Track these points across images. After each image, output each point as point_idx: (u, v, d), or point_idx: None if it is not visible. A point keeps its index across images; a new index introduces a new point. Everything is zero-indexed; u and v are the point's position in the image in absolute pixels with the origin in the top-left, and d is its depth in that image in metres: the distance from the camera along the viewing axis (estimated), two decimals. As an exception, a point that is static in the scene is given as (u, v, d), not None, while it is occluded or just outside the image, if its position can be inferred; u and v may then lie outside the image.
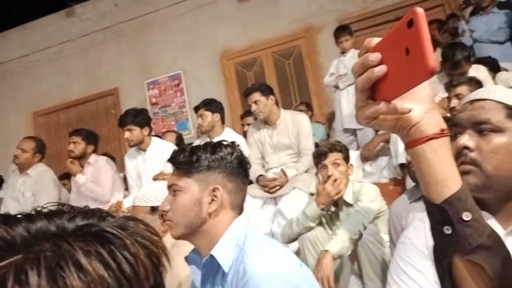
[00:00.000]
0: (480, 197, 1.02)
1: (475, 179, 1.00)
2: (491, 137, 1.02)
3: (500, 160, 1.00)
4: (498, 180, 1.00)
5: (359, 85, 0.63)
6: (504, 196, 1.04)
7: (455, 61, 3.41)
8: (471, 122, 1.05)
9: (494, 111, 1.04)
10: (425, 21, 0.55)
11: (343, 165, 2.75)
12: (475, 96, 1.10)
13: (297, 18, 6.68)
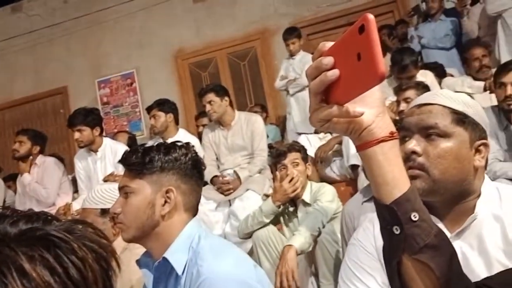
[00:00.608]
0: (428, 201, 1.05)
1: (423, 183, 1.03)
2: (438, 142, 1.05)
3: (447, 165, 1.03)
4: (445, 184, 1.03)
5: (313, 88, 0.64)
6: (450, 201, 1.07)
7: (403, 65, 3.56)
8: (419, 126, 1.07)
9: (441, 116, 1.07)
10: (375, 27, 0.56)
11: (301, 165, 2.80)
12: (422, 100, 1.12)
13: (252, 20, 6.71)
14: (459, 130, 1.06)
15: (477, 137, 1.08)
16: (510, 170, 2.51)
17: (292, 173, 2.71)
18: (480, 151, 1.08)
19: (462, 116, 1.07)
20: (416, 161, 1.04)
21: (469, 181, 1.06)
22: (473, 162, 1.07)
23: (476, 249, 1.04)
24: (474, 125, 1.08)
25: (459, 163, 1.04)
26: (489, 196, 1.07)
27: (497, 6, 4.10)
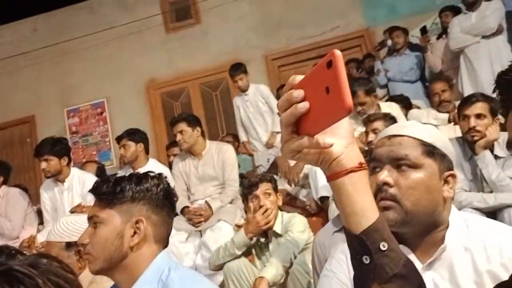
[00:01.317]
0: (399, 232, 1.07)
1: (395, 214, 1.05)
2: (409, 173, 1.07)
3: (418, 196, 1.06)
4: (416, 215, 1.05)
5: (284, 120, 0.65)
6: (421, 232, 1.09)
7: (352, 91, 3.71)
8: (390, 157, 1.10)
9: (411, 147, 1.10)
10: (342, 62, 0.58)
11: (273, 195, 2.79)
12: (392, 132, 1.15)
13: (224, 51, 6.80)
14: (429, 162, 1.09)
15: (445, 168, 1.11)
16: (475, 200, 2.57)
17: (265, 205, 2.70)
18: (448, 182, 1.11)
19: (431, 147, 1.10)
20: (388, 192, 1.06)
21: (438, 212, 1.09)
22: (442, 193, 1.09)
23: (448, 280, 1.05)
24: (442, 156, 1.11)
25: (429, 194, 1.07)
26: (457, 227, 1.10)
27: (459, 42, 4.29)
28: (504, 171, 2.56)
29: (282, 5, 6.83)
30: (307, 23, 6.70)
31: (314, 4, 6.74)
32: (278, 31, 6.77)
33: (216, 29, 6.93)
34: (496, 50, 4.10)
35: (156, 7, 7.09)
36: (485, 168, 2.60)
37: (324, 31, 6.61)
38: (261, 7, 6.86)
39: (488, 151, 2.62)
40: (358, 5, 6.63)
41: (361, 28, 6.56)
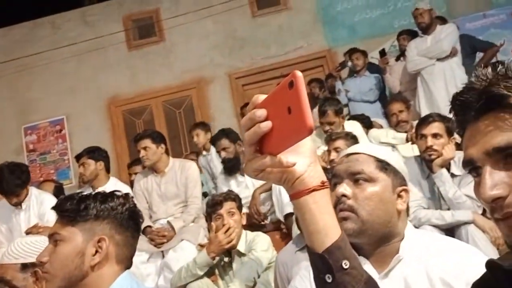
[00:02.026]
0: (357, 242, 1.15)
1: (353, 224, 1.14)
2: (365, 186, 1.17)
3: (373, 207, 1.15)
4: (372, 225, 1.14)
5: (247, 139, 0.66)
6: (377, 241, 1.17)
7: (323, 110, 3.79)
8: (348, 172, 1.20)
9: (367, 163, 1.20)
10: (303, 83, 0.60)
11: (237, 214, 2.77)
12: (350, 151, 1.26)
13: (188, 69, 6.80)
14: (383, 176, 1.20)
15: (398, 183, 1.22)
16: (433, 217, 2.64)
17: (228, 224, 2.68)
18: (401, 196, 1.21)
19: (384, 163, 1.21)
20: (346, 203, 1.15)
21: (393, 223, 1.17)
22: (396, 206, 1.19)
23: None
24: (396, 172, 1.22)
25: (384, 205, 1.16)
26: (412, 239, 1.18)
27: (416, 64, 4.46)
28: (460, 189, 2.65)
29: (246, 25, 6.92)
30: (271, 43, 6.81)
31: (278, 24, 6.87)
32: (242, 50, 6.84)
33: (180, 47, 6.93)
34: (451, 72, 4.27)
35: (118, 24, 7.04)
36: (442, 186, 2.68)
37: (287, 51, 6.73)
38: (225, 26, 6.92)
39: (445, 169, 2.71)
40: (320, 27, 6.80)
41: (323, 49, 6.72)
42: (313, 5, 6.87)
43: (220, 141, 4.03)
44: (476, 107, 0.70)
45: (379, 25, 6.63)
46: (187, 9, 6.90)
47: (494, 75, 0.69)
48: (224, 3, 6.81)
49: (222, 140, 4.01)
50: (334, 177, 1.22)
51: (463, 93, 0.73)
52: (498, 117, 0.67)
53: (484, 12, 6.41)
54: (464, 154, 0.73)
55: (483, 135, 0.69)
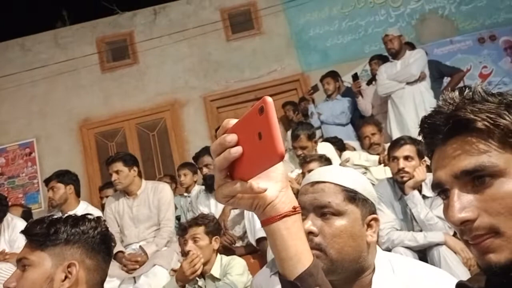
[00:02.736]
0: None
1: (321, 264, 1.05)
2: (333, 221, 1.10)
3: (342, 244, 1.08)
4: (342, 263, 1.08)
5: (217, 164, 0.65)
6: (349, 278, 1.12)
7: (295, 134, 3.87)
8: (314, 205, 1.12)
9: (334, 194, 1.12)
10: (273, 109, 0.59)
11: (204, 240, 2.72)
12: (315, 178, 1.17)
13: (162, 92, 6.78)
14: (351, 208, 1.12)
15: (368, 212, 1.15)
16: (406, 238, 2.66)
17: (191, 254, 2.63)
18: (371, 226, 1.15)
19: (352, 193, 1.13)
20: (313, 241, 1.08)
21: (364, 257, 1.12)
22: (366, 238, 1.13)
23: None
24: (364, 201, 1.15)
25: (353, 241, 1.10)
26: (382, 270, 1.14)
27: (386, 88, 4.55)
28: (432, 211, 2.68)
29: (221, 48, 6.97)
30: (245, 66, 6.87)
31: (252, 48, 6.95)
32: (217, 73, 6.87)
33: (154, 70, 6.91)
34: (420, 95, 4.37)
35: (92, 46, 6.99)
36: (414, 208, 2.71)
37: (261, 75, 6.80)
38: (200, 49, 6.96)
39: (416, 191, 2.75)
40: (294, 51, 6.91)
41: (297, 72, 6.81)
42: (286, 30, 6.99)
43: (203, 158, 4.04)
44: (444, 130, 0.71)
45: (350, 50, 6.79)
46: (162, 32, 6.93)
47: (461, 100, 0.71)
48: (199, 27, 6.87)
49: (205, 157, 4.02)
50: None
51: (431, 116, 0.74)
52: (465, 141, 0.69)
53: (451, 38, 6.64)
54: (433, 177, 0.74)
55: (451, 158, 0.70)
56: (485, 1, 6.77)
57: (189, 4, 7.18)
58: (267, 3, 6.99)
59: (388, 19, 6.91)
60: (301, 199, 1.14)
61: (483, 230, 0.66)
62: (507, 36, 6.56)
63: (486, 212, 0.66)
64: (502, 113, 0.67)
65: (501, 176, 0.66)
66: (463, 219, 0.66)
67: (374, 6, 7.00)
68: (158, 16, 7.13)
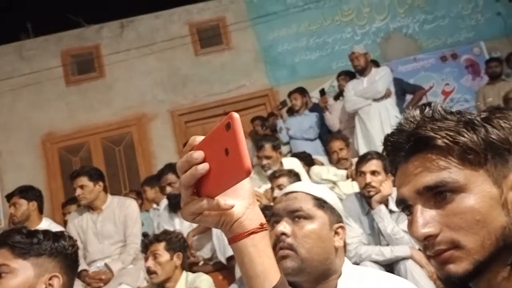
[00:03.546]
0: (296, 281, 1.17)
1: (292, 262, 1.15)
2: (304, 223, 1.20)
3: (312, 244, 1.17)
4: (311, 262, 1.15)
5: (184, 181, 0.64)
6: (316, 279, 1.18)
7: (260, 145, 3.92)
8: (287, 210, 1.22)
9: (305, 201, 1.23)
10: (240, 125, 0.59)
11: (163, 256, 2.69)
12: (289, 189, 1.29)
13: (129, 106, 6.69)
14: (320, 213, 1.23)
15: (335, 220, 1.26)
16: (373, 253, 2.69)
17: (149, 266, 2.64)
18: (338, 233, 1.25)
19: (321, 201, 1.25)
20: (285, 241, 1.17)
21: (331, 260, 1.20)
22: (333, 243, 1.22)
23: None
24: (332, 209, 1.26)
25: (322, 243, 1.19)
26: (349, 276, 1.21)
27: (353, 104, 4.64)
28: (398, 225, 2.73)
29: (190, 62, 6.97)
30: (214, 81, 6.88)
31: (221, 63, 6.97)
32: (186, 88, 6.85)
33: (121, 83, 6.83)
34: (386, 111, 4.48)
35: (57, 59, 6.86)
36: (381, 222, 2.75)
37: (230, 89, 6.82)
38: (168, 63, 6.93)
39: (383, 205, 2.79)
40: (262, 67, 6.97)
41: (266, 87, 6.87)
42: (255, 46, 7.06)
43: (166, 176, 3.92)
44: (405, 148, 0.73)
45: (318, 66, 6.91)
46: (129, 46, 6.87)
47: (421, 118, 0.73)
48: (167, 41, 6.85)
49: (169, 175, 3.91)
50: (274, 216, 1.24)
51: (393, 134, 0.76)
52: (426, 158, 0.71)
53: (414, 56, 6.87)
54: (397, 194, 0.76)
55: (413, 175, 0.72)
56: (447, 21, 7.04)
57: (157, 18, 7.16)
58: (235, 19, 7.05)
59: (354, 37, 7.08)
60: (276, 207, 1.27)
61: (444, 245, 0.67)
62: (468, 54, 6.83)
63: (448, 227, 0.67)
64: (461, 130, 0.69)
65: (462, 192, 0.68)
66: (426, 234, 0.68)
67: (340, 24, 7.17)
68: (126, 30, 7.08)
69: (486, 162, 0.69)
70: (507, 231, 0.67)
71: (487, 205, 0.67)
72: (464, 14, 7.06)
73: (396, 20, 7.15)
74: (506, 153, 0.70)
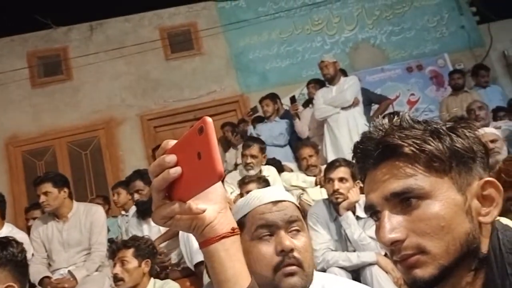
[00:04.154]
0: None
1: (300, 279, 1.06)
2: (300, 236, 1.12)
3: (310, 257, 1.12)
4: (310, 278, 1.10)
5: (156, 185, 0.64)
6: None
7: (248, 144, 4.09)
8: (285, 221, 1.12)
9: (296, 211, 1.15)
10: (213, 129, 0.60)
11: (131, 263, 2.65)
12: (275, 197, 1.17)
13: (97, 109, 6.57)
14: (305, 225, 1.17)
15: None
16: (340, 259, 2.73)
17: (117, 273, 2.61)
18: None
19: (301, 212, 1.19)
20: (295, 257, 1.07)
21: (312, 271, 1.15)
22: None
23: None
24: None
25: (312, 254, 1.15)
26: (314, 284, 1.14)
27: (322, 113, 4.71)
28: (365, 231, 2.77)
29: (160, 67, 6.91)
30: (185, 86, 6.84)
31: (192, 68, 6.95)
32: (155, 92, 6.79)
33: (89, 87, 6.71)
34: (353, 120, 4.56)
35: (22, 60, 6.67)
36: (348, 228, 2.79)
37: (201, 95, 6.80)
38: (138, 67, 6.85)
39: (350, 212, 2.84)
40: (233, 73, 6.99)
41: (236, 93, 6.88)
42: (226, 52, 7.07)
43: (135, 183, 3.86)
44: (374, 155, 0.75)
45: (288, 74, 6.98)
46: (98, 49, 6.76)
47: (390, 126, 0.75)
48: (137, 45, 6.77)
49: (137, 182, 3.84)
50: (265, 227, 1.10)
51: (363, 142, 0.78)
52: (394, 165, 0.73)
53: (382, 67, 7.03)
54: (365, 200, 0.78)
55: (381, 182, 0.74)
56: (413, 33, 7.24)
57: (127, 22, 7.08)
58: (207, 25, 7.05)
59: (324, 46, 7.19)
60: (267, 217, 1.12)
61: (411, 250, 0.69)
62: (432, 66, 7.04)
63: (414, 232, 0.70)
64: (427, 139, 0.72)
65: (427, 198, 0.70)
66: (393, 239, 0.70)
67: (311, 33, 7.28)
68: (95, 32, 6.97)
69: (451, 170, 0.72)
70: (471, 238, 0.70)
71: (451, 212, 0.69)
72: (430, 27, 7.29)
73: (364, 30, 7.32)
74: (470, 162, 0.73)
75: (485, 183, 0.73)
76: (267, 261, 1.07)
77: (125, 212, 4.51)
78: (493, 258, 0.70)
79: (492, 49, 7.09)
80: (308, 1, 7.33)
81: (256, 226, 1.11)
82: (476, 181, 0.73)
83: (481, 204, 0.72)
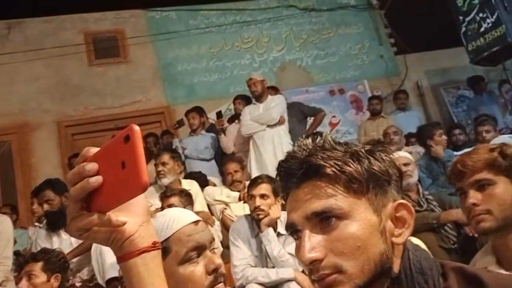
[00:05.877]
0: None
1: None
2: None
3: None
4: None
5: (73, 194, 0.60)
6: None
7: (158, 154, 4.09)
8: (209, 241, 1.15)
9: None
10: (140, 138, 0.58)
11: (40, 277, 2.50)
12: (194, 217, 1.18)
13: (9, 112, 6.13)
14: None
15: None
16: (259, 275, 2.74)
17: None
18: None
19: None
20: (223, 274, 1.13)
21: None
22: None
23: None
24: None
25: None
26: None
27: (249, 129, 4.76)
28: (285, 247, 2.81)
29: (82, 72, 6.63)
30: (107, 94, 6.61)
31: (116, 75, 6.74)
32: (76, 98, 6.49)
33: (1, 88, 6.25)
34: (278, 138, 4.66)
35: None
36: (268, 245, 2.82)
37: (124, 104, 6.60)
38: (58, 71, 6.52)
39: (271, 228, 2.87)
40: (160, 84, 6.88)
41: (162, 105, 6.77)
42: (154, 62, 6.95)
43: (44, 192, 3.62)
44: (298, 174, 0.76)
45: (216, 89, 7.00)
46: (15, 49, 6.34)
47: (313, 146, 0.77)
48: (58, 47, 6.44)
49: (46, 191, 3.60)
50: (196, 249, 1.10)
51: (287, 160, 0.79)
52: (316, 185, 0.74)
53: (306, 88, 7.28)
54: (287, 218, 0.79)
55: (303, 201, 0.75)
56: (336, 58, 7.60)
57: (47, 23, 6.73)
58: (135, 33, 6.89)
59: (253, 63, 7.32)
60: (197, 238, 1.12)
61: (328, 270, 0.71)
62: (353, 91, 7.42)
63: (332, 252, 0.71)
64: (347, 160, 0.74)
65: (345, 219, 0.72)
66: (312, 259, 0.71)
67: (240, 50, 7.37)
68: (13, 31, 6.55)
69: (368, 192, 0.74)
70: (384, 258, 0.72)
71: (367, 232, 0.72)
72: (352, 54, 7.69)
73: (291, 52, 7.56)
74: (386, 184, 0.76)
75: (398, 205, 0.76)
76: (201, 282, 1.07)
77: (39, 224, 4.23)
78: (403, 277, 0.73)
79: (407, 79, 7.61)
80: (239, 19, 7.44)
81: (187, 249, 1.09)
82: (391, 203, 0.76)
83: (394, 225, 0.75)
